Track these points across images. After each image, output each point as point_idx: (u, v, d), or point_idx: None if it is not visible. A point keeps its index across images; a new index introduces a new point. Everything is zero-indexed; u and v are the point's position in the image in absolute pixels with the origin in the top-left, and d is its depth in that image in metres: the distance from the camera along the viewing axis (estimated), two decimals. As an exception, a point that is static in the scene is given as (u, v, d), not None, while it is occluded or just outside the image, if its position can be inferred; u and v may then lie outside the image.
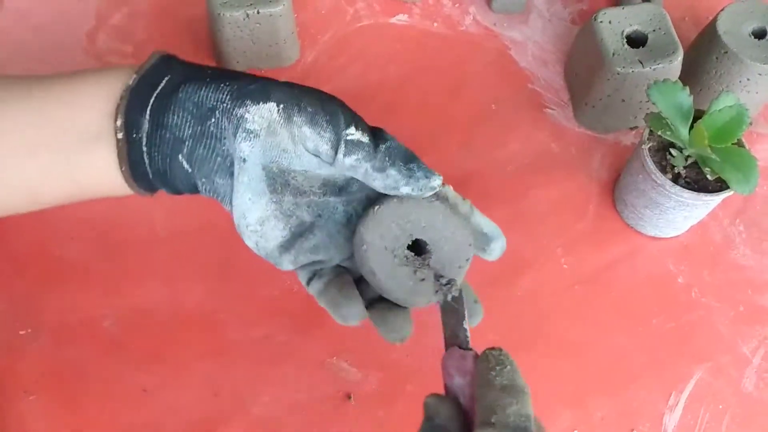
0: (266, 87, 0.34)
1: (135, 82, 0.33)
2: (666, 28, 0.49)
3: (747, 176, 0.40)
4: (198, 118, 0.33)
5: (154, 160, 0.34)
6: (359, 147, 0.33)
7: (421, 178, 0.34)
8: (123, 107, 0.33)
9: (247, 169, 0.33)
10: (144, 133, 0.33)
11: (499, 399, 0.28)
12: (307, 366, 0.45)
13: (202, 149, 0.33)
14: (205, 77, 0.34)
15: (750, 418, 0.44)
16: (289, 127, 0.33)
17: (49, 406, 0.42)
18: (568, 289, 0.48)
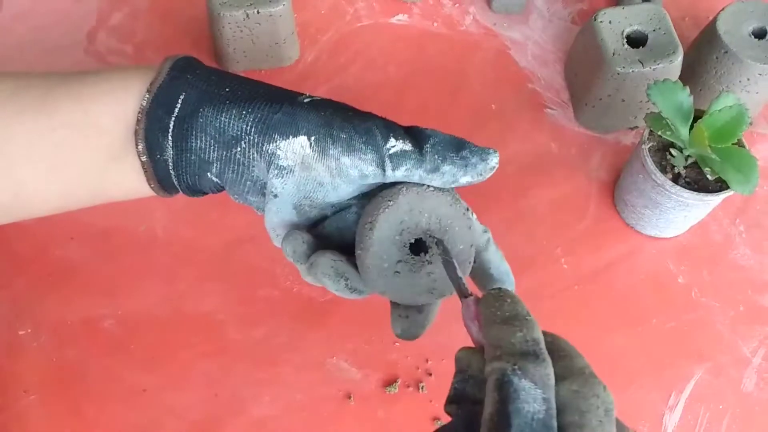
0: (293, 117, 0.32)
1: (148, 103, 0.32)
2: (666, 28, 0.49)
3: (747, 176, 0.40)
4: (222, 144, 0.32)
5: (183, 179, 0.34)
6: (405, 157, 0.32)
7: (477, 163, 0.32)
8: (141, 133, 0.32)
9: (277, 202, 0.33)
10: (170, 157, 0.33)
11: (502, 331, 0.26)
12: (307, 366, 0.45)
13: (231, 173, 0.33)
14: (222, 98, 0.32)
15: (750, 418, 0.44)
16: (325, 161, 0.32)
17: (49, 406, 0.43)
18: (568, 289, 0.48)
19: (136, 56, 0.55)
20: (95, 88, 0.34)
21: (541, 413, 0.24)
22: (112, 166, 0.34)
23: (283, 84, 0.55)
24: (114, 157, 0.33)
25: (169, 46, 0.56)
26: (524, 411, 0.24)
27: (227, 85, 0.33)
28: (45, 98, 0.34)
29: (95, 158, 0.33)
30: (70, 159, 0.33)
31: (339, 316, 0.46)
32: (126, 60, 0.55)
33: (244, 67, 0.54)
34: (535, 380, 0.25)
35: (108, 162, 0.33)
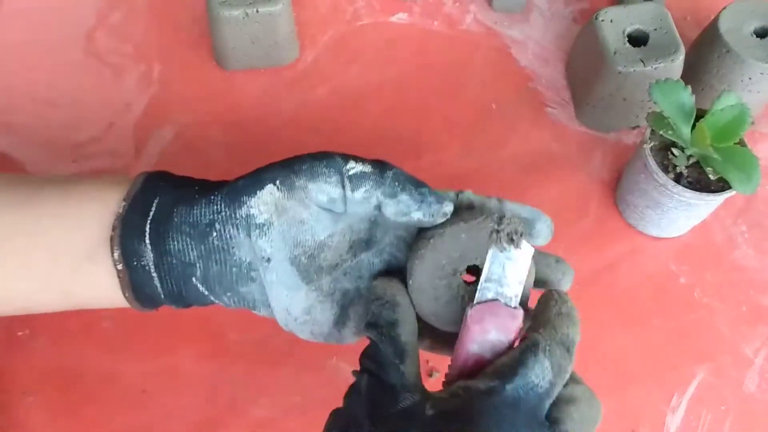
0: (255, 175, 0.33)
1: (125, 210, 0.33)
2: (668, 27, 0.49)
3: (749, 176, 0.40)
4: (197, 237, 0.32)
5: (167, 284, 0.33)
6: (364, 177, 0.32)
7: (433, 203, 0.33)
8: (117, 239, 0.32)
9: (273, 267, 0.32)
10: (149, 262, 0.32)
11: (555, 318, 0.30)
12: (306, 368, 0.44)
13: (215, 265, 0.33)
14: (193, 194, 0.33)
15: (752, 419, 0.44)
16: (295, 195, 0.32)
17: (48, 407, 0.42)
18: (569, 289, 0.48)
19: (135, 56, 0.55)
20: (80, 186, 0.34)
21: (541, 389, 0.27)
22: (85, 266, 0.33)
23: (283, 83, 0.55)
24: (89, 257, 0.33)
25: (169, 45, 0.56)
26: (530, 378, 0.27)
27: (196, 184, 0.34)
28: (34, 193, 0.34)
29: (70, 255, 0.33)
30: (43, 253, 0.33)
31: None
32: (125, 59, 0.55)
33: (244, 66, 0.54)
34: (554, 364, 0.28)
35: (82, 260, 0.33)
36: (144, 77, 0.54)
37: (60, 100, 0.53)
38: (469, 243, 0.32)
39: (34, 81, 0.54)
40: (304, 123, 0.53)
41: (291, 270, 0.33)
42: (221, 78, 0.54)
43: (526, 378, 0.27)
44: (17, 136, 0.51)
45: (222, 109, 0.53)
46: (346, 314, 0.35)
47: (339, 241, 0.34)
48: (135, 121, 0.52)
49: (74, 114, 0.52)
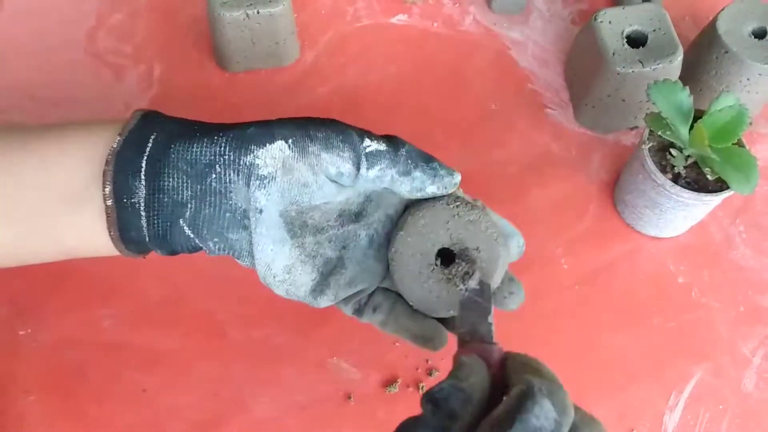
0: (267, 127, 0.32)
1: (119, 144, 0.32)
2: (666, 28, 0.49)
3: (747, 176, 0.40)
4: (195, 177, 0.31)
5: (153, 225, 0.32)
6: (380, 156, 0.33)
7: (445, 176, 0.34)
8: (110, 174, 0.31)
9: (264, 219, 0.32)
10: (141, 199, 0.31)
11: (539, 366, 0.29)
12: (307, 366, 0.45)
13: (208, 208, 0.32)
14: (193, 132, 0.32)
15: (750, 418, 0.44)
16: (306, 159, 0.32)
17: (49, 406, 0.42)
18: (568, 289, 0.48)
19: (135, 56, 0.55)
20: (69, 129, 0.33)
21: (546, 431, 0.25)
22: (73, 207, 0.32)
23: (283, 84, 0.55)
24: (76, 199, 0.32)
25: (169, 46, 0.56)
26: (531, 422, 0.25)
27: (196, 124, 0.33)
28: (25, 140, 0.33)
29: (57, 195, 0.32)
30: (30, 195, 0.32)
31: (339, 316, 0.46)
32: (126, 59, 0.55)
33: (244, 67, 0.54)
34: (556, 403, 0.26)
35: (69, 202, 0.32)
36: (144, 78, 0.54)
37: (60, 101, 0.53)
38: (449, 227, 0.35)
39: (34, 81, 0.54)
40: (304, 123, 0.53)
41: (278, 221, 0.33)
42: (221, 79, 0.55)
43: (528, 423, 0.25)
44: (18, 136, 0.51)
45: (222, 110, 0.53)
46: (325, 282, 0.35)
47: (331, 207, 0.34)
48: (135, 122, 0.52)
49: (74, 114, 0.52)
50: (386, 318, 0.37)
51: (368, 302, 0.37)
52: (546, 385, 0.26)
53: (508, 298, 0.37)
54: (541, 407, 0.25)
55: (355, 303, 0.37)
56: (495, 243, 0.35)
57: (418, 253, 0.35)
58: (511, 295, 0.37)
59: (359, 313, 0.37)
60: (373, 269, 0.36)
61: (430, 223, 0.35)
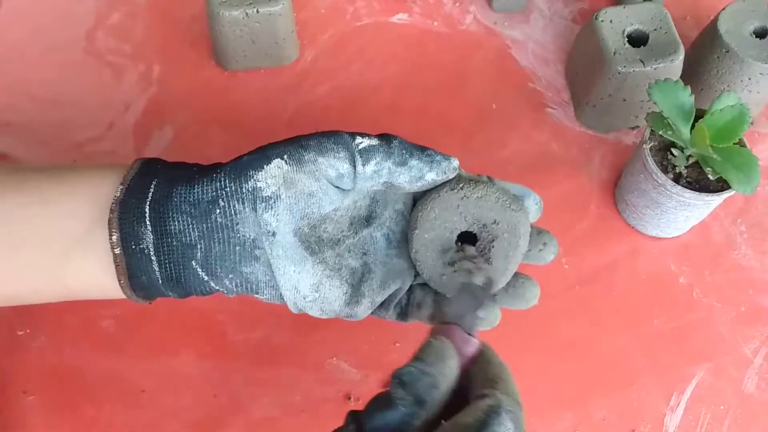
0: (260, 151, 0.33)
1: (122, 192, 0.32)
2: (667, 27, 0.49)
3: (748, 176, 0.40)
4: (200, 217, 0.32)
5: (165, 268, 0.32)
6: (374, 150, 0.33)
7: (442, 161, 0.34)
8: (116, 222, 0.32)
9: (278, 242, 0.32)
10: (150, 244, 0.32)
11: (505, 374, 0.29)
12: (306, 367, 0.44)
13: (217, 245, 0.32)
14: (192, 174, 0.33)
15: (751, 418, 0.44)
16: (305, 167, 0.32)
17: (48, 407, 0.42)
18: (568, 289, 0.48)
19: (134, 55, 0.55)
20: (77, 173, 0.34)
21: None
22: (76, 252, 0.32)
23: (282, 83, 0.55)
24: (81, 242, 0.32)
25: (168, 45, 0.56)
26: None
27: (194, 166, 0.34)
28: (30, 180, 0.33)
29: (60, 241, 0.32)
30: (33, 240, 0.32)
31: (339, 317, 0.46)
32: (125, 59, 0.55)
33: (244, 66, 0.54)
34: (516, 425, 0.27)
35: (73, 246, 0.32)
36: (144, 77, 0.54)
37: (60, 100, 0.53)
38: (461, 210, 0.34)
39: (34, 81, 0.54)
40: (304, 123, 0.53)
41: (294, 241, 0.33)
42: (221, 78, 0.54)
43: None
44: (17, 135, 0.51)
45: (222, 109, 0.53)
46: (358, 292, 0.35)
47: (342, 215, 0.34)
48: (135, 121, 0.52)
49: (74, 114, 0.52)
50: (433, 311, 0.36)
51: (409, 302, 0.37)
52: (512, 406, 0.27)
53: (543, 250, 0.37)
54: (505, 428, 0.26)
55: (396, 307, 0.37)
56: (510, 210, 0.35)
57: (439, 247, 0.35)
58: (546, 246, 0.37)
59: (404, 316, 0.37)
60: (399, 267, 0.36)
61: (440, 213, 0.35)
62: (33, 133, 0.52)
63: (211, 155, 0.51)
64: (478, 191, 0.35)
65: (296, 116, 0.53)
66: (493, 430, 0.26)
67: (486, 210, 0.35)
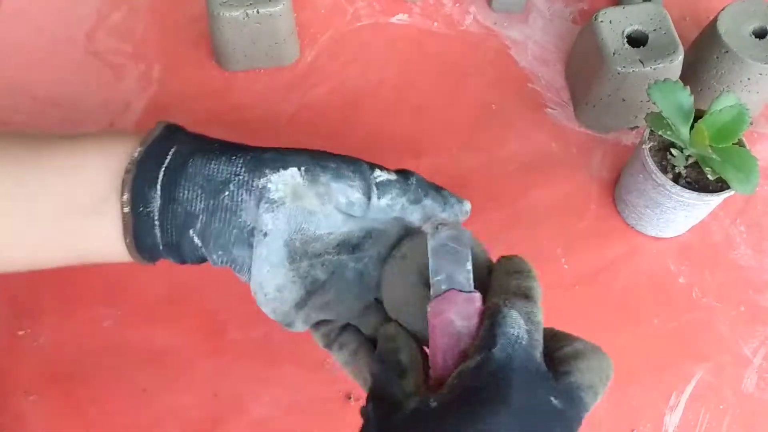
0: (282, 153, 0.33)
1: (140, 155, 0.33)
2: (666, 28, 0.49)
3: (748, 176, 0.40)
4: (209, 192, 0.32)
5: (167, 233, 0.33)
6: (391, 185, 0.34)
7: (455, 203, 0.35)
8: (129, 182, 0.32)
9: (267, 243, 0.33)
10: (156, 208, 0.32)
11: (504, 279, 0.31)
12: (306, 366, 0.45)
13: (218, 223, 0.33)
14: (213, 149, 0.33)
15: (751, 418, 0.44)
16: (316, 188, 0.33)
17: (49, 407, 0.42)
18: (568, 289, 0.48)
19: (135, 55, 0.55)
20: (90, 141, 0.34)
21: (523, 341, 0.28)
22: (92, 219, 0.33)
23: (282, 83, 0.55)
24: (95, 209, 0.33)
25: (169, 45, 0.56)
26: (509, 333, 0.28)
27: (216, 141, 0.34)
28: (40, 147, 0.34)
29: (76, 205, 0.33)
30: (49, 205, 0.33)
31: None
32: (125, 58, 0.55)
33: (244, 66, 0.54)
34: (520, 312, 0.29)
35: (89, 214, 0.33)
36: (144, 77, 0.54)
37: (60, 100, 0.53)
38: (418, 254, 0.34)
39: (34, 80, 0.54)
40: (304, 123, 0.53)
41: (281, 249, 0.33)
42: (221, 78, 0.55)
43: (507, 335, 0.28)
44: (17, 135, 0.51)
45: (222, 109, 0.53)
46: (307, 299, 0.35)
47: (333, 238, 0.35)
48: (135, 121, 0.52)
49: (74, 113, 0.52)
50: (348, 359, 0.36)
51: (336, 339, 0.37)
52: (507, 298, 0.29)
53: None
54: (512, 318, 0.28)
55: (324, 335, 0.37)
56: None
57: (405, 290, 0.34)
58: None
59: (328, 346, 0.37)
60: (349, 303, 0.36)
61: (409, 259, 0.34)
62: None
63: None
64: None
65: (296, 116, 0.53)
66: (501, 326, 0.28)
67: None
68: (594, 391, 0.29)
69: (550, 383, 0.28)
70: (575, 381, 0.28)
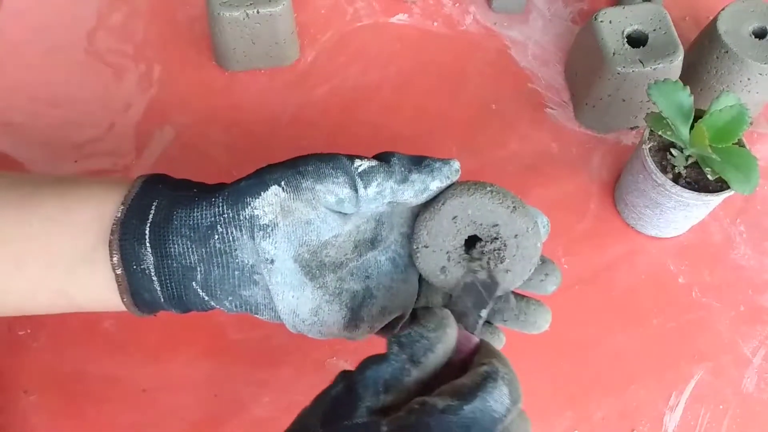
0: (258, 176, 0.32)
1: (123, 213, 0.32)
2: (666, 28, 0.49)
3: (747, 176, 0.40)
4: (199, 240, 0.32)
5: (167, 288, 0.33)
6: (374, 171, 0.33)
7: (442, 167, 0.34)
8: (116, 243, 0.32)
9: (277, 268, 0.32)
10: (150, 266, 0.32)
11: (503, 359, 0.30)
12: (306, 367, 0.45)
13: (217, 269, 0.32)
14: (192, 196, 0.33)
15: (750, 418, 0.44)
16: (302, 195, 0.32)
17: (49, 407, 0.42)
18: (568, 289, 0.48)
19: (135, 56, 0.55)
20: (78, 188, 0.34)
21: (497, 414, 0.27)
22: (82, 269, 0.33)
23: (283, 84, 0.55)
24: (86, 259, 0.32)
25: (169, 45, 0.56)
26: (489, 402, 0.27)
27: (195, 186, 0.34)
28: (32, 195, 0.34)
29: (65, 258, 0.32)
30: (39, 255, 0.33)
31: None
32: (126, 59, 0.55)
33: (244, 67, 0.54)
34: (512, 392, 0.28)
35: (78, 263, 0.32)
36: (144, 77, 0.54)
37: (60, 100, 0.53)
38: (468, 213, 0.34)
39: (34, 81, 0.54)
40: (305, 123, 0.53)
41: (294, 267, 0.33)
42: (221, 78, 0.55)
43: (485, 402, 0.27)
44: (17, 136, 0.51)
45: (222, 110, 0.53)
46: (357, 316, 0.35)
47: (344, 240, 0.34)
48: (136, 122, 0.52)
49: (75, 114, 0.52)
50: None
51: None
52: (508, 374, 0.28)
53: (544, 280, 0.36)
54: (500, 392, 0.27)
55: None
56: (514, 214, 0.34)
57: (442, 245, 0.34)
58: (547, 277, 0.36)
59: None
60: (403, 292, 0.36)
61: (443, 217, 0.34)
62: (33, 133, 0.52)
63: (211, 155, 0.51)
64: (479, 194, 0.34)
65: (296, 117, 0.53)
66: (488, 392, 0.27)
67: (485, 215, 0.34)
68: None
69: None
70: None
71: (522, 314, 0.36)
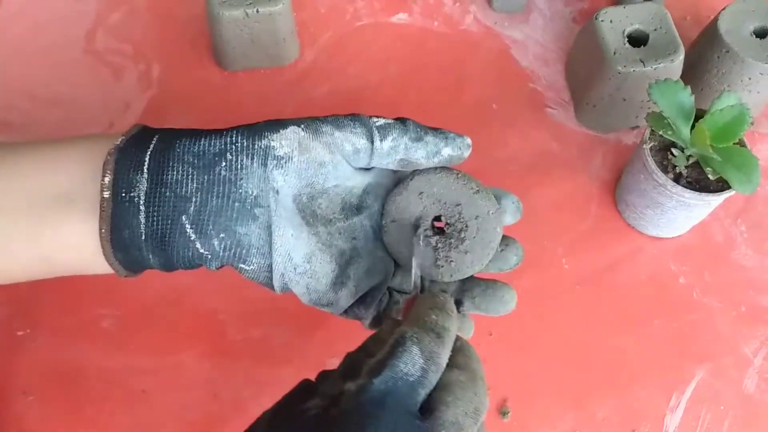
0: (276, 120, 0.33)
1: (123, 142, 0.31)
2: (667, 27, 0.49)
3: (748, 176, 0.40)
4: (203, 167, 0.31)
5: (152, 221, 0.30)
6: (391, 127, 0.34)
7: (456, 137, 0.36)
8: (111, 164, 0.30)
9: (281, 201, 0.32)
10: (141, 193, 0.30)
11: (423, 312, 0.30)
12: (306, 367, 0.44)
13: (215, 199, 0.31)
14: (198, 132, 0.32)
15: (751, 419, 0.44)
16: (321, 137, 0.33)
17: (48, 407, 0.42)
18: (569, 290, 0.48)
19: (134, 55, 0.55)
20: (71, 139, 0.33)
21: (413, 377, 0.27)
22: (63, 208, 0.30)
23: (282, 83, 0.55)
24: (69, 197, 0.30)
25: (168, 45, 0.56)
26: (399, 368, 0.27)
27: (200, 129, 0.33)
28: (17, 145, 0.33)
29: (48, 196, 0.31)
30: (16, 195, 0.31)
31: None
32: (125, 59, 0.55)
33: (244, 66, 0.54)
34: (423, 350, 0.28)
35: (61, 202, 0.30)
36: (144, 77, 0.54)
37: (60, 100, 0.53)
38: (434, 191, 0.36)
39: (33, 80, 0.54)
40: (304, 123, 0.53)
41: (292, 207, 0.33)
42: (221, 78, 0.54)
43: (395, 368, 0.27)
44: (17, 135, 0.51)
45: (222, 109, 0.53)
46: (344, 273, 0.35)
47: (335, 194, 0.35)
48: (135, 121, 0.52)
49: (74, 114, 0.52)
50: None
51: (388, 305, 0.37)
52: (416, 333, 0.28)
53: (505, 249, 0.37)
54: (409, 354, 0.27)
55: (376, 307, 0.36)
56: (475, 196, 0.36)
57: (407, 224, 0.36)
58: (507, 247, 0.37)
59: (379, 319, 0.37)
60: (384, 260, 0.37)
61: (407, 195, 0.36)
62: (33, 132, 0.52)
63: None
64: (445, 174, 0.36)
65: (296, 116, 0.53)
66: (397, 358, 0.27)
67: (450, 193, 0.36)
68: (458, 427, 0.27)
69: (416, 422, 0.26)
70: (438, 417, 0.27)
71: (490, 290, 0.37)
